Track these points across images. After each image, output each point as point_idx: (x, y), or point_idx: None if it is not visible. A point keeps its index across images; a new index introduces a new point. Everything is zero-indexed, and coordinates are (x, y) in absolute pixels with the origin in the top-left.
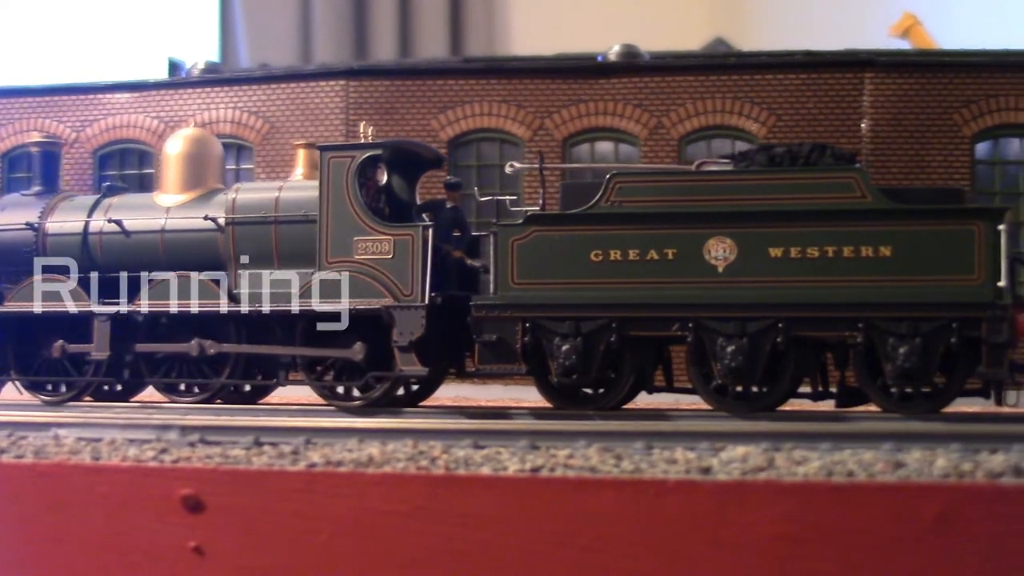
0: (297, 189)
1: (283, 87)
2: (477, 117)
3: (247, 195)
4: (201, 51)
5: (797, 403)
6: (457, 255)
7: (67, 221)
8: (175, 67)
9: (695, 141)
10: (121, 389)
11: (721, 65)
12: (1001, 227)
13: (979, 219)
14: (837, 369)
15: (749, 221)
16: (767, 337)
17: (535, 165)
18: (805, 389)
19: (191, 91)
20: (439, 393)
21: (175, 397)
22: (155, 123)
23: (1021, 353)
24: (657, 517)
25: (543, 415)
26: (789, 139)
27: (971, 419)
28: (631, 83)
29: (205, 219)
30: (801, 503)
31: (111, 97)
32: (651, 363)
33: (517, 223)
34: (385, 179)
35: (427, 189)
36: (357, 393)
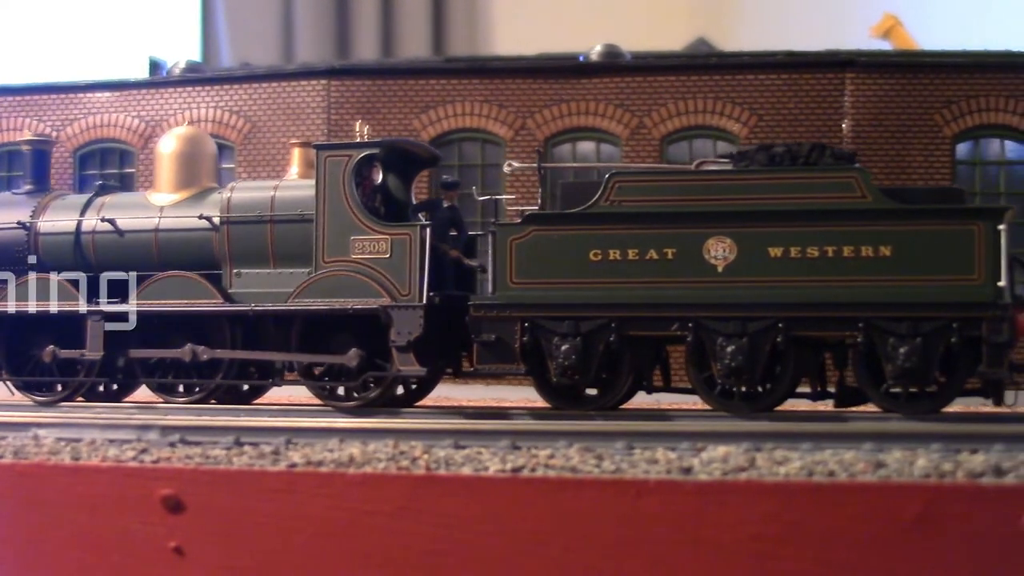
0: (293, 188)
1: (264, 86)
2: (459, 117)
3: (242, 194)
4: (183, 50)
5: (794, 403)
6: (454, 255)
7: (59, 220)
8: (156, 66)
9: (676, 141)
10: (115, 389)
11: (702, 65)
12: (1001, 227)
13: (979, 219)
14: (836, 369)
15: (749, 221)
16: (767, 337)
17: (533, 164)
18: (802, 389)
19: (172, 90)
20: None
21: (169, 397)
22: (136, 123)
23: (1020, 353)
24: (638, 517)
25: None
26: (771, 139)
27: (952, 419)
28: (613, 83)
29: (200, 218)
30: (782, 503)
31: (92, 96)
32: (650, 363)
33: (516, 222)
34: (381, 178)
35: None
36: (354, 393)
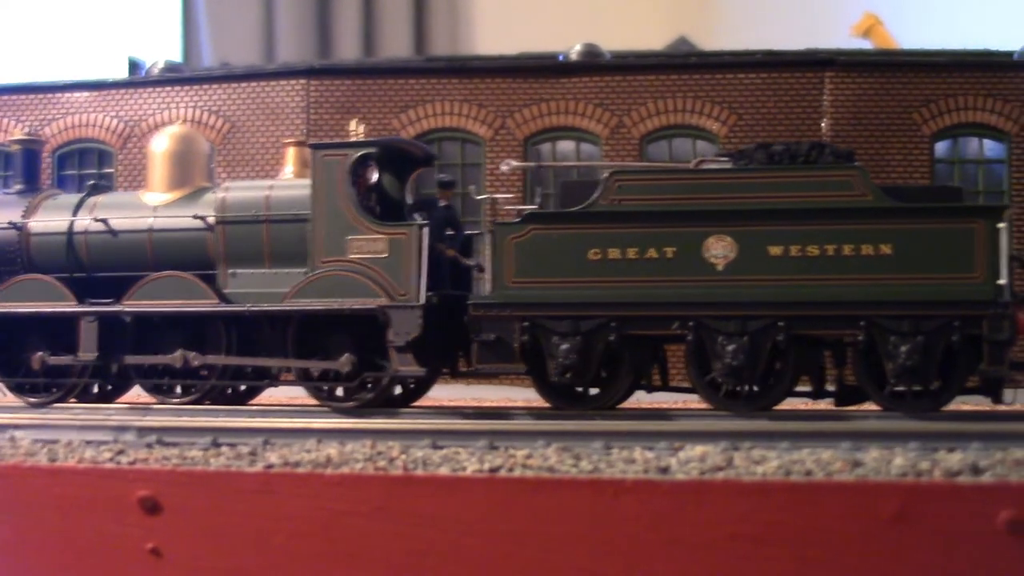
0: (288, 188)
1: (243, 86)
2: (438, 116)
3: (237, 193)
4: (164, 50)
5: (793, 402)
6: (451, 254)
7: (51, 220)
8: (135, 66)
9: (656, 140)
10: (108, 390)
11: (682, 65)
12: (1001, 225)
13: (979, 217)
14: (836, 368)
15: (749, 219)
16: (768, 336)
17: (530, 164)
18: (801, 388)
19: (151, 91)
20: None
21: (164, 398)
22: (115, 123)
23: (1019, 351)
24: (615, 517)
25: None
26: (750, 138)
27: (929, 418)
28: (592, 82)
29: (194, 218)
30: (759, 502)
31: (70, 96)
32: (649, 362)
33: (515, 221)
34: (376, 177)
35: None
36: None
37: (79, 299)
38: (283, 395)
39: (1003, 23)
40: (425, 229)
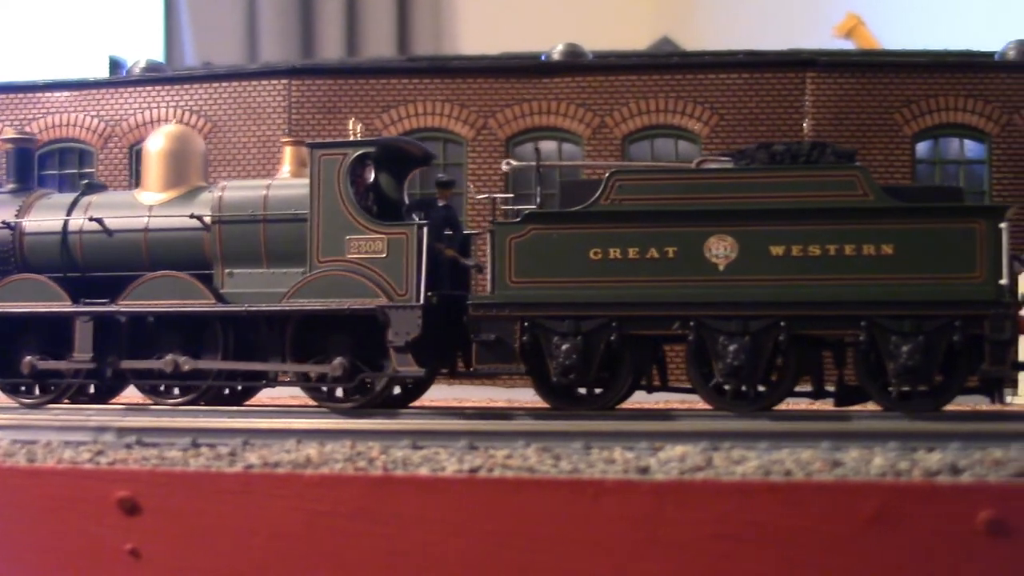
0: (286, 187)
1: (225, 86)
2: (420, 116)
3: (234, 193)
4: (147, 50)
5: (793, 401)
6: (450, 254)
7: (45, 220)
8: (117, 66)
9: (638, 140)
10: (102, 390)
11: (663, 65)
12: (1003, 225)
13: (981, 217)
14: (836, 368)
15: (750, 219)
16: (769, 336)
17: (531, 163)
18: (800, 388)
19: (132, 90)
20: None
21: (159, 399)
22: (95, 122)
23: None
24: (595, 517)
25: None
26: (732, 138)
27: (910, 417)
28: (574, 82)
29: (191, 217)
30: (739, 502)
31: (51, 96)
32: (649, 362)
33: (515, 221)
34: (372, 177)
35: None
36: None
37: (74, 299)
38: (286, 395)
39: (984, 24)
40: (425, 229)
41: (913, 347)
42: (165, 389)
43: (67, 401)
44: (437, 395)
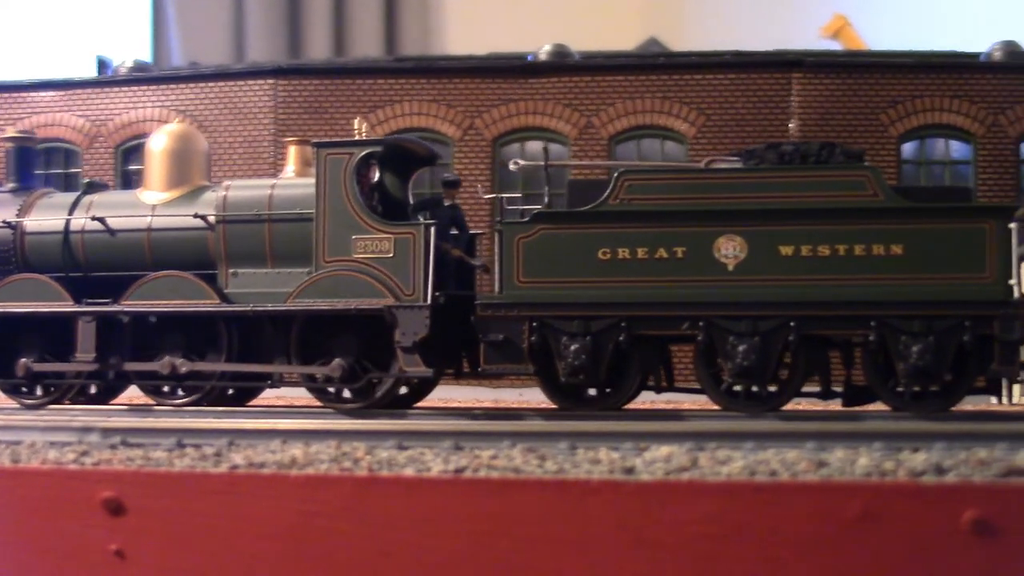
0: (291, 187)
1: (211, 86)
2: (407, 116)
3: (238, 192)
4: (134, 50)
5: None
6: (456, 254)
7: (47, 219)
8: (103, 65)
9: (625, 141)
10: (104, 390)
11: (650, 65)
12: (1012, 225)
13: (990, 217)
14: (844, 368)
15: (759, 219)
16: (779, 336)
17: (540, 163)
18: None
19: (118, 90)
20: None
21: (162, 400)
22: (82, 122)
23: None
24: (581, 517)
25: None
26: (718, 139)
27: (894, 418)
28: (561, 83)
29: (195, 217)
30: (725, 502)
31: (37, 95)
32: (657, 363)
33: (524, 220)
34: (377, 176)
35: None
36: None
37: (76, 299)
38: (294, 395)
39: (970, 25)
40: (432, 228)
41: (923, 347)
42: (169, 390)
43: (68, 402)
44: (438, 395)
